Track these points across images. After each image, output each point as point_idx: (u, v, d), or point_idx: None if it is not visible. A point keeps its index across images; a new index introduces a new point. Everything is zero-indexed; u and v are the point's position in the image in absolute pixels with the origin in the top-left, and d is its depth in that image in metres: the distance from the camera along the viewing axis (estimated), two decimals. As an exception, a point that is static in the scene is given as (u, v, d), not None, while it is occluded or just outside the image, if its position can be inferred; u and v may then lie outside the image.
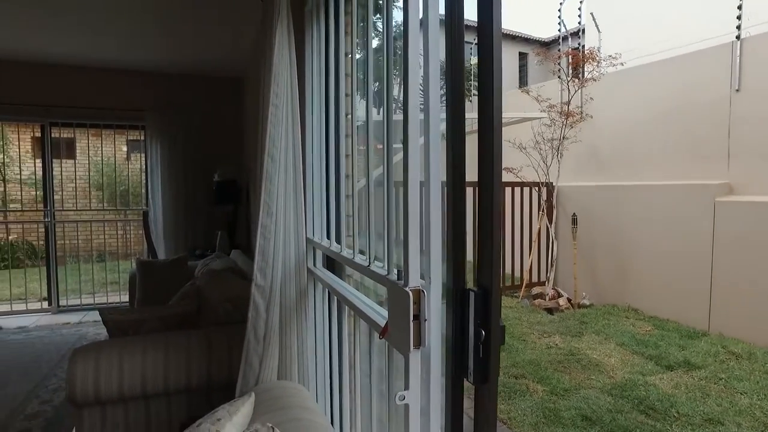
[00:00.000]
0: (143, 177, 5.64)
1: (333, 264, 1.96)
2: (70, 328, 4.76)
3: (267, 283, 1.65)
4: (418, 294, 0.95)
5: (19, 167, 9.79)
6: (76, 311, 5.43)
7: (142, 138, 5.53)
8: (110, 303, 5.66)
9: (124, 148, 10.69)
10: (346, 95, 1.73)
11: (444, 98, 0.99)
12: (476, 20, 0.91)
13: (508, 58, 14.15)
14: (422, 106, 0.97)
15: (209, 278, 3.07)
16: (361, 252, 1.46)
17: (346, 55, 1.76)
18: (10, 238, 8.78)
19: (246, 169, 5.04)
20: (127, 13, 3.88)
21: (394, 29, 1.24)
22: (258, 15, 1.99)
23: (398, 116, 1.09)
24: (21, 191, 9.24)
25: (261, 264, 1.64)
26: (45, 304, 5.52)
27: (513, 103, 7.78)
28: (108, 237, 9.43)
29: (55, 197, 5.45)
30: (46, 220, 5.38)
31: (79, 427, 2.08)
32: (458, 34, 0.96)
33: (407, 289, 0.96)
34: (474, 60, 6.05)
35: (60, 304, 5.45)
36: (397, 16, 1.16)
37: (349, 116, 1.79)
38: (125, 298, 5.76)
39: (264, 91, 1.74)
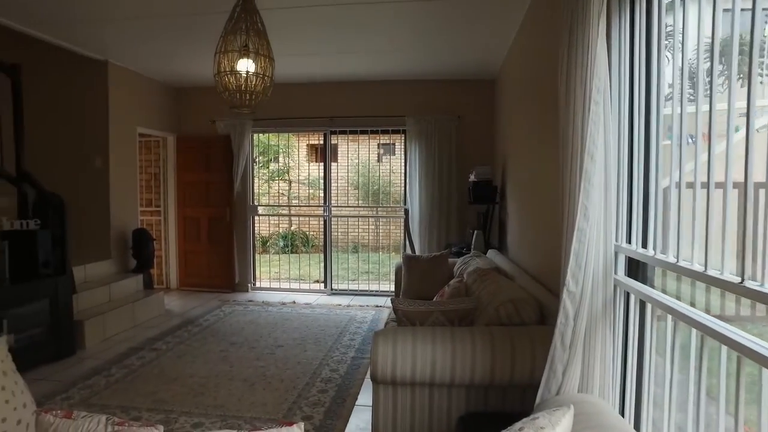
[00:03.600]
0: (402, 178, 6.13)
1: (635, 272, 1.78)
2: (341, 310, 5.47)
3: (578, 290, 1.57)
4: None
5: (298, 170, 11.75)
6: (344, 295, 6.22)
7: (391, 142, 6.03)
8: (371, 290, 6.32)
9: (378, 151, 11.84)
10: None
11: None
12: None
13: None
14: None
15: (479, 277, 3.13)
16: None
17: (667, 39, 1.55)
18: (291, 228, 10.62)
19: (501, 169, 5.05)
20: (393, 31, 4.28)
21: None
22: (516, 15, 1.90)
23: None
24: (298, 190, 11.09)
25: (574, 269, 1.56)
26: (321, 287, 6.48)
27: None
28: (361, 231, 10.64)
29: (332, 195, 6.32)
30: (325, 214, 6.29)
31: (376, 400, 2.32)
32: None
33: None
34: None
35: (333, 287, 6.31)
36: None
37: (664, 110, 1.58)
38: (383, 286, 6.38)
39: (571, 87, 1.65)
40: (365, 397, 3.21)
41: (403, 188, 6.15)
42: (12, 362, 1.74)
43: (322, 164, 11.35)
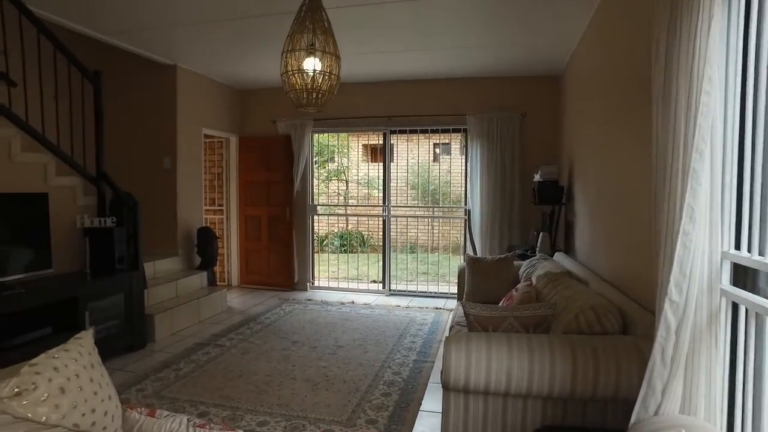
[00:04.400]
0: (462, 177, 6.00)
1: (743, 281, 1.61)
2: (400, 311, 5.41)
3: (682, 300, 1.43)
4: None
5: (355, 170, 11.81)
6: (403, 296, 6.16)
7: (448, 141, 5.89)
8: (429, 292, 6.22)
9: (436, 151, 11.71)
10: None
11: None
12: None
13: None
14: None
15: (550, 281, 2.99)
16: None
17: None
18: (348, 228, 10.68)
19: (568, 169, 4.84)
20: (456, 29, 4.18)
21: None
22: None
23: None
24: (357, 190, 11.13)
25: (678, 277, 1.42)
26: (379, 287, 6.45)
27: None
28: (418, 231, 10.56)
29: (390, 195, 6.27)
30: (384, 214, 6.26)
31: (446, 408, 2.23)
32: None
33: None
34: None
35: (391, 288, 6.27)
36: None
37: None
38: (442, 288, 6.27)
39: (672, 77, 1.51)
40: (430, 402, 3.14)
41: (463, 188, 6.02)
42: (98, 355, 1.79)
43: (377, 164, 11.39)
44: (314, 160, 6.43)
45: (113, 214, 4.19)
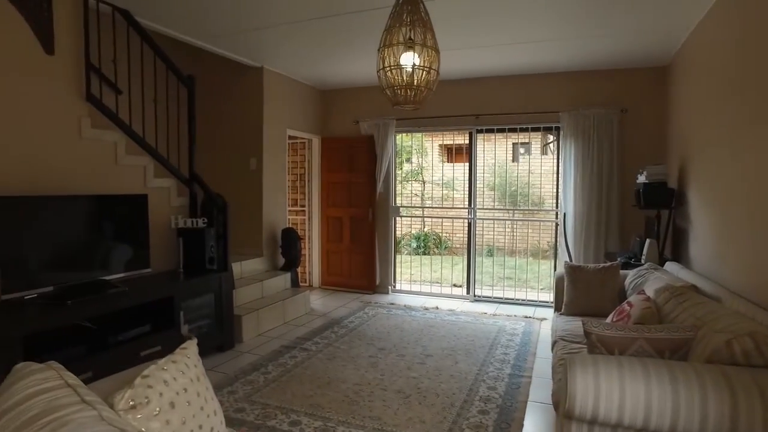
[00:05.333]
0: (548, 178, 5.62)
1: None
2: (487, 318, 5.14)
3: None
4: None
5: (432, 170, 11.58)
6: (488, 302, 5.88)
7: (529, 140, 5.52)
8: (517, 299, 5.89)
9: (518, 150, 11.25)
10: None
11: None
12: None
13: None
14: None
15: (673, 297, 2.64)
16: None
17: None
18: (425, 229, 10.49)
19: (678, 169, 4.36)
20: (553, 18, 3.86)
21: None
22: None
23: None
24: (431, 191, 10.91)
25: None
26: (462, 292, 6.20)
27: None
28: (497, 234, 10.16)
29: (476, 197, 6.00)
30: (469, 217, 6.00)
31: (566, 439, 1.98)
32: None
33: None
34: None
35: (476, 293, 6.00)
36: None
37: None
38: (527, 294, 5.91)
39: None
40: (532, 424, 2.88)
41: (548, 189, 5.65)
42: (202, 366, 1.72)
43: (452, 164, 11.10)
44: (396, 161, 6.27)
45: (203, 215, 4.26)
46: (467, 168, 6.01)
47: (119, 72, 3.76)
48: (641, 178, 4.45)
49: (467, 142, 6.00)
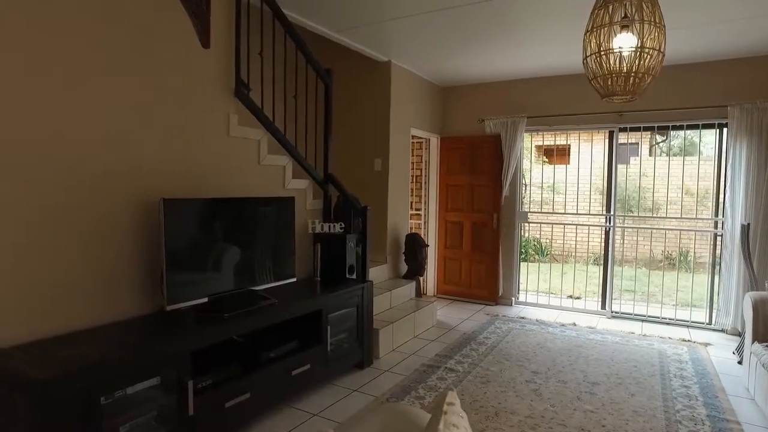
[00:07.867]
0: (722, 182, 4.88)
1: None
2: (639, 340, 4.54)
3: None
4: None
5: (530, 171, 10.90)
6: (627, 319, 5.26)
7: (636, 141, 4.80)
8: (663, 317, 5.22)
9: (625, 151, 10.36)
10: None
11: None
12: None
13: None
14: None
15: None
16: None
17: None
18: (526, 235, 9.86)
19: None
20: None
21: None
22: None
23: None
24: (530, 194, 10.26)
25: None
26: (596, 306, 5.61)
27: None
28: (625, 243, 9.33)
29: (616, 203, 5.38)
30: (608, 225, 5.40)
31: None
32: None
33: None
34: None
35: (613, 309, 5.38)
36: None
37: None
38: (664, 312, 5.22)
39: None
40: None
41: (722, 194, 4.94)
42: (467, 422, 1.35)
43: (555, 166, 10.39)
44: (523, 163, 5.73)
45: (337, 218, 3.99)
46: (576, 170, 5.40)
47: (257, 68, 3.54)
48: None
49: (566, 142, 5.40)
